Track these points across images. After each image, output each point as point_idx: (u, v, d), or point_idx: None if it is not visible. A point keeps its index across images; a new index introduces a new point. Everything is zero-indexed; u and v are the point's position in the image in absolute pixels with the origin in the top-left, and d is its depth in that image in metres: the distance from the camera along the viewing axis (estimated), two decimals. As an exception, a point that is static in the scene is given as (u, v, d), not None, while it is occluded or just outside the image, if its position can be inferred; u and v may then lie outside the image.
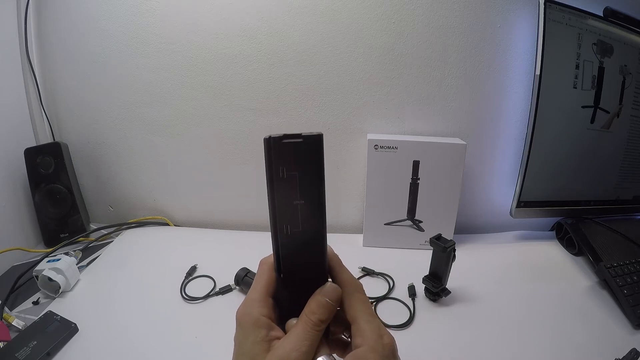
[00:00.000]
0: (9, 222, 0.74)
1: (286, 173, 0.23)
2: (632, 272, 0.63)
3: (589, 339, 0.55)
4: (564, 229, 0.78)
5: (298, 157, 0.23)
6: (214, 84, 0.78)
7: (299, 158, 0.23)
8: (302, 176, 0.23)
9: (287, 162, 0.23)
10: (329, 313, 0.27)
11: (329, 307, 0.27)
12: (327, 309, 0.27)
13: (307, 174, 0.23)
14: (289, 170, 0.23)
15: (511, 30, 0.74)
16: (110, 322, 0.57)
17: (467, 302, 0.63)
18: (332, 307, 0.27)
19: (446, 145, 0.72)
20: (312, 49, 0.75)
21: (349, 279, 0.29)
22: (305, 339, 0.25)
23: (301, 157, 0.23)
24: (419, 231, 0.78)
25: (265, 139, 0.23)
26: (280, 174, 0.23)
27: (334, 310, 0.27)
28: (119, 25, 0.75)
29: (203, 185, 0.86)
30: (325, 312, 0.26)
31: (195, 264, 0.70)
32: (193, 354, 0.52)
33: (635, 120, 0.77)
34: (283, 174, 0.23)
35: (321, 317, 0.26)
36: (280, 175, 0.23)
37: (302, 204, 0.24)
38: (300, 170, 0.23)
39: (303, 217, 0.24)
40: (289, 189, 0.23)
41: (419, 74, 0.76)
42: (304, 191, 0.24)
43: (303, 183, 0.23)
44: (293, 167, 0.23)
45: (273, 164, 0.23)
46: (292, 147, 0.23)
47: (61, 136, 0.84)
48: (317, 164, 0.23)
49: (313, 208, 0.24)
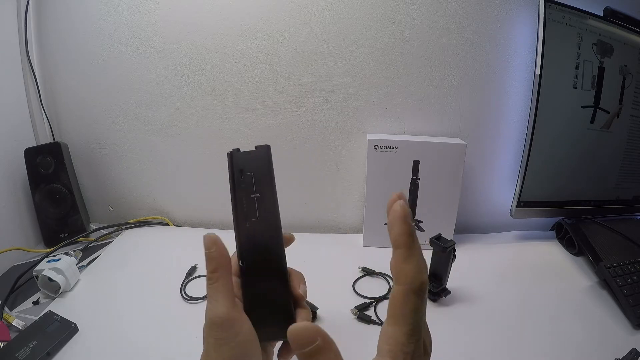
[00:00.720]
0: (9, 222, 0.74)
1: (244, 173, 0.30)
2: (632, 272, 0.63)
3: (589, 339, 0.55)
4: (564, 229, 0.78)
5: (253, 161, 0.30)
6: (214, 84, 0.78)
7: (254, 162, 0.30)
8: (256, 175, 0.30)
9: (245, 165, 0.30)
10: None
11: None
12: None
13: (260, 173, 0.30)
14: (246, 172, 0.30)
15: (511, 30, 0.74)
16: (110, 322, 0.57)
17: (467, 302, 0.63)
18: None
19: (446, 145, 0.72)
20: (312, 49, 0.75)
21: (413, 270, 0.23)
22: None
23: (255, 161, 0.30)
24: (419, 231, 0.78)
25: (228, 153, 0.31)
26: (240, 175, 0.30)
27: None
28: (119, 25, 0.75)
29: (203, 185, 0.86)
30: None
31: (195, 264, 0.70)
32: (193, 354, 0.52)
33: (635, 120, 0.77)
34: (242, 175, 0.30)
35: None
36: (240, 176, 0.30)
37: (258, 197, 0.30)
38: (254, 171, 0.30)
39: (260, 208, 0.30)
40: (247, 185, 0.30)
41: (419, 74, 0.76)
42: (259, 186, 0.30)
43: (257, 180, 0.30)
44: (249, 168, 0.30)
45: (234, 168, 0.30)
46: (248, 154, 0.31)
47: (61, 136, 0.84)
48: (267, 165, 0.30)
49: (267, 200, 0.30)
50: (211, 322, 0.27)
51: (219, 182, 0.85)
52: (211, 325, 0.27)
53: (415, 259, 0.23)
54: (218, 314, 0.27)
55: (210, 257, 0.28)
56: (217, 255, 0.28)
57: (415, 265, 0.23)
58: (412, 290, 0.23)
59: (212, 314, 0.27)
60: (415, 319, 0.23)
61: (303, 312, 0.30)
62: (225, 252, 0.28)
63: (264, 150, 0.31)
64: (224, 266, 0.28)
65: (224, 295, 0.27)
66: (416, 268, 0.23)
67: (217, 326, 0.26)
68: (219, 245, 0.28)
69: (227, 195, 0.31)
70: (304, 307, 0.30)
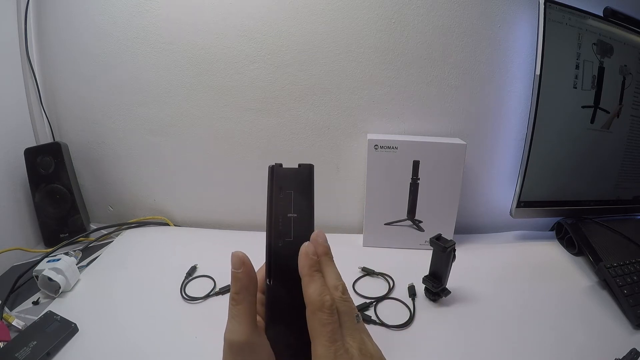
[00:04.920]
0: (9, 222, 0.74)
1: (284, 191, 0.29)
2: (632, 272, 0.63)
3: (589, 339, 0.55)
4: (564, 229, 0.78)
5: (294, 179, 0.29)
6: (214, 84, 0.78)
7: (295, 180, 0.29)
8: (296, 194, 0.29)
9: (285, 182, 0.29)
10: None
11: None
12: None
13: (300, 193, 0.29)
14: (286, 189, 0.29)
15: (511, 30, 0.74)
16: (110, 322, 0.57)
17: (467, 302, 0.63)
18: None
19: (446, 145, 0.72)
20: (312, 49, 0.75)
21: (313, 294, 0.26)
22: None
23: (296, 179, 0.29)
24: (419, 231, 0.78)
25: (270, 166, 0.29)
26: (279, 192, 0.29)
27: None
28: (119, 25, 0.75)
29: (203, 185, 0.86)
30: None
31: (195, 264, 0.70)
32: (193, 354, 0.52)
33: (635, 120, 0.77)
34: (281, 192, 0.29)
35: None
36: (279, 193, 0.29)
37: (295, 217, 0.29)
38: (294, 189, 0.29)
39: (295, 228, 0.29)
40: (285, 203, 0.29)
41: (419, 74, 0.76)
42: (297, 206, 0.29)
43: (296, 200, 0.29)
44: (289, 186, 0.29)
45: (274, 184, 0.29)
46: (290, 171, 0.29)
47: (61, 136, 0.84)
48: (308, 185, 0.29)
49: (304, 220, 0.29)
50: (230, 344, 0.26)
51: (219, 182, 0.86)
52: (231, 347, 0.26)
53: (316, 284, 0.27)
54: (238, 338, 0.26)
55: (236, 277, 0.27)
56: (243, 276, 0.27)
57: (315, 289, 0.27)
58: (316, 309, 0.26)
59: (232, 336, 0.26)
60: (325, 331, 0.25)
61: None
62: (253, 274, 0.28)
63: (307, 169, 0.30)
64: (249, 289, 0.27)
65: (246, 319, 0.27)
66: (317, 291, 0.26)
67: (236, 349, 0.26)
68: (247, 265, 0.28)
69: (227, 196, 0.31)
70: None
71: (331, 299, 0.26)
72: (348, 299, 0.28)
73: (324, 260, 0.29)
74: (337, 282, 0.28)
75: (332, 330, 0.26)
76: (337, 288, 0.28)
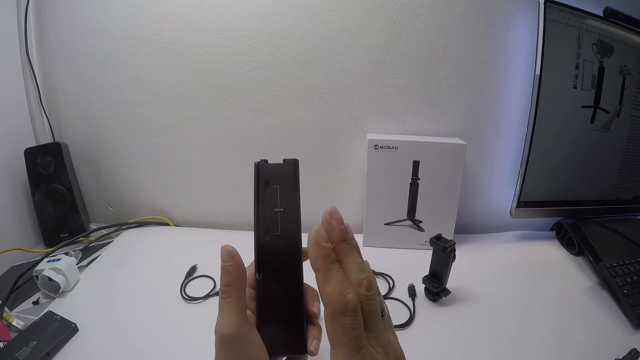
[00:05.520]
0: (9, 222, 0.74)
1: (270, 186, 0.29)
2: (632, 272, 0.63)
3: (589, 339, 0.55)
4: (564, 229, 0.78)
5: (279, 174, 0.30)
6: (213, 84, 0.78)
7: (280, 175, 0.30)
8: (282, 189, 0.29)
9: (271, 178, 0.30)
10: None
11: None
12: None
13: (285, 188, 0.29)
14: (272, 184, 0.29)
15: (511, 30, 0.74)
16: (110, 322, 0.57)
17: (467, 302, 0.63)
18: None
19: (446, 145, 0.72)
20: (312, 49, 0.75)
21: (332, 294, 0.23)
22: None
23: (282, 174, 0.30)
24: (419, 231, 0.78)
25: (256, 162, 0.30)
26: (265, 187, 0.29)
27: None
28: (119, 25, 0.75)
29: (203, 185, 0.86)
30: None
31: (195, 264, 0.70)
32: (193, 354, 0.52)
33: (635, 120, 0.77)
34: (267, 187, 0.29)
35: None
36: (265, 188, 0.29)
37: (281, 211, 0.29)
38: (280, 184, 0.29)
39: (282, 222, 0.29)
40: (272, 198, 0.29)
41: (419, 74, 0.76)
42: (283, 201, 0.29)
43: (282, 194, 0.29)
44: (275, 181, 0.29)
45: (260, 179, 0.29)
46: (275, 166, 0.30)
47: (61, 136, 0.84)
48: (294, 180, 0.30)
49: (290, 214, 0.29)
50: (221, 337, 0.26)
51: (219, 182, 0.86)
52: (221, 341, 0.26)
53: (335, 280, 0.23)
54: (228, 331, 0.26)
55: (226, 270, 0.27)
56: (232, 269, 0.27)
57: (335, 287, 0.23)
58: (338, 313, 0.23)
59: (223, 329, 0.26)
60: (349, 339, 0.22)
61: (315, 329, 0.29)
62: (242, 267, 0.28)
63: (292, 164, 0.30)
64: (238, 282, 0.27)
65: (235, 312, 0.26)
66: (337, 290, 0.23)
67: (227, 342, 0.26)
68: (236, 258, 0.27)
69: (227, 196, 0.31)
70: (316, 324, 0.30)
71: (355, 298, 0.23)
72: (374, 296, 0.24)
73: (342, 249, 0.25)
74: (361, 276, 0.24)
75: (357, 336, 0.22)
76: (361, 284, 0.24)
